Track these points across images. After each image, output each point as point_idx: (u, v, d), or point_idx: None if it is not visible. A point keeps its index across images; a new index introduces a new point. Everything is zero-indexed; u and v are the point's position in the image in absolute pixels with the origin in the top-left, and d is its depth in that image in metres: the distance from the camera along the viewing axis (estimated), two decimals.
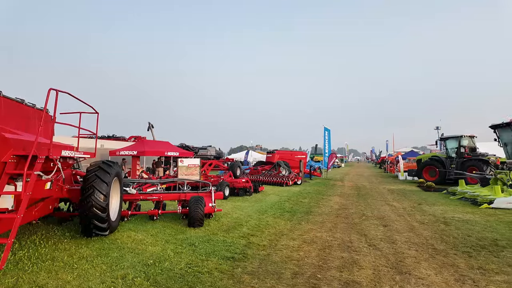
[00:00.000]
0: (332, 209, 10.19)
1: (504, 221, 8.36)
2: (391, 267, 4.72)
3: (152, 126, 30.33)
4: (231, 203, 10.82)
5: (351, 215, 9.13)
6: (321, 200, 12.29)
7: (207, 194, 8.02)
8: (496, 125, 13.30)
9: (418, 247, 5.85)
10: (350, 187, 17.98)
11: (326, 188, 17.29)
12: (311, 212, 9.40)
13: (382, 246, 5.85)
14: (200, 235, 6.35)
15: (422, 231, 7.11)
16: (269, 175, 19.21)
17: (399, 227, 7.58)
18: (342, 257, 5.17)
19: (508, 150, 13.23)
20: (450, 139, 21.48)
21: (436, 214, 9.36)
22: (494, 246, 5.91)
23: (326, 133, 26.94)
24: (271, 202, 11.15)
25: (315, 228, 7.28)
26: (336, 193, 14.91)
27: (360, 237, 6.52)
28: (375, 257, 5.18)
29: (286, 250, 5.50)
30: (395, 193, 15.01)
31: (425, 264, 4.87)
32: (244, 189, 12.92)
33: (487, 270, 4.65)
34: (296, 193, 14.27)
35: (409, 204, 11.50)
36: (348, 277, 4.31)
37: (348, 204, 11.24)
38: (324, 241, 6.18)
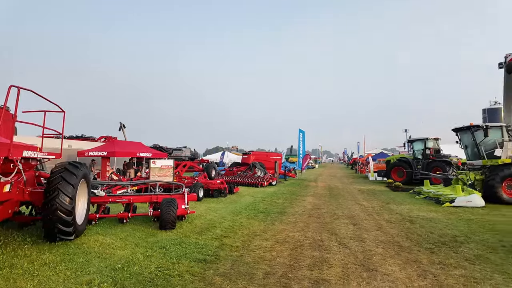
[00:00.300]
0: (305, 209, 10.38)
1: (464, 218, 8.91)
2: (359, 265, 4.88)
3: (123, 126, 29.38)
4: (205, 204, 10.72)
5: (323, 214, 9.35)
6: (295, 200, 12.47)
7: (180, 196, 7.90)
8: (458, 128, 14.15)
9: (385, 244, 6.10)
10: (323, 188, 18.40)
11: (300, 188, 17.57)
12: (284, 213, 9.51)
13: (351, 245, 6.04)
14: (172, 237, 6.24)
15: (389, 229, 7.43)
16: (245, 176, 19.23)
17: (368, 225, 7.86)
18: (313, 256, 5.28)
19: (468, 152, 14.12)
20: (416, 141, 22.59)
21: (403, 213, 9.80)
22: (453, 242, 6.28)
23: (301, 134, 27.40)
24: (245, 203, 11.16)
25: (288, 228, 7.38)
26: (309, 193, 15.19)
27: (330, 236, 6.69)
28: (344, 255, 5.34)
29: (259, 250, 5.53)
30: (365, 193, 15.54)
31: (391, 261, 5.09)
32: (218, 190, 12.84)
33: (446, 265, 4.93)
34: (271, 193, 14.39)
35: (378, 203, 11.96)
36: (318, 275, 4.41)
37: (321, 204, 11.50)
38: (296, 240, 6.28)
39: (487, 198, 11.66)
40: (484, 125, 12.74)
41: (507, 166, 12.01)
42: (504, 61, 12.03)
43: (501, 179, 11.79)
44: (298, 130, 27.07)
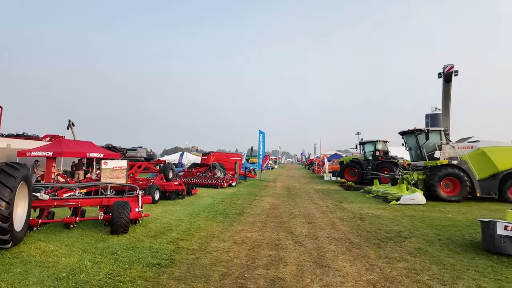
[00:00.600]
0: (264, 209, 10.51)
1: (408, 215, 9.67)
2: (313, 262, 5.07)
3: (72, 124, 27.40)
4: (161, 207, 10.38)
5: (281, 214, 9.55)
6: (254, 201, 12.58)
7: (134, 199, 7.56)
8: (404, 132, 15.34)
9: (337, 241, 6.40)
10: (281, 188, 18.80)
11: (259, 189, 17.76)
12: (243, 213, 9.55)
13: (306, 243, 6.25)
14: (124, 242, 5.94)
15: (342, 227, 7.81)
16: (204, 177, 18.96)
17: (322, 223, 8.19)
18: (269, 255, 5.37)
19: (412, 154, 15.36)
20: (367, 143, 24.06)
21: (354, 211, 10.37)
22: (398, 237, 6.78)
23: (261, 135, 27.74)
24: (204, 205, 11.01)
25: (246, 229, 7.41)
26: (268, 193, 15.42)
27: (287, 235, 6.86)
28: (299, 253, 5.51)
29: (216, 252, 5.49)
30: (320, 193, 16.19)
31: (343, 257, 5.35)
32: (176, 192, 12.51)
33: (391, 258, 5.31)
34: (230, 194, 14.36)
35: (332, 202, 12.52)
36: (274, 274, 4.50)
37: (279, 204, 11.73)
38: (254, 240, 6.34)
39: (428, 196, 12.79)
40: (426, 129, 13.96)
41: (444, 166, 13.28)
42: (443, 72, 13.33)
43: (439, 179, 13.01)
44: (258, 131, 27.38)
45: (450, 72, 13.11)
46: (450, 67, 13.06)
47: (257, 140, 27.31)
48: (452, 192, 12.99)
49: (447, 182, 13.12)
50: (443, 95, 14.14)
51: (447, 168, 13.14)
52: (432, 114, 51.11)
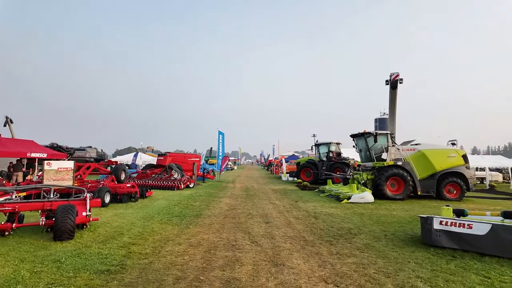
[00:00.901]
0: (222, 210, 10.45)
1: (358, 213, 10.26)
2: (269, 261, 5.16)
3: (10, 121, 24.84)
4: (112, 210, 9.82)
5: (239, 215, 9.57)
6: (212, 202, 12.44)
7: (81, 202, 7.05)
8: (354, 134, 16.26)
9: (292, 240, 6.58)
10: (240, 188, 18.84)
11: (218, 190, 17.62)
12: (200, 215, 9.40)
13: (262, 242, 6.33)
14: (69, 249, 5.52)
15: (297, 226, 8.05)
16: (160, 179, 18.31)
17: (278, 223, 8.37)
18: (226, 256, 5.35)
19: (362, 155, 16.34)
20: (322, 145, 25.11)
21: (309, 210, 10.75)
22: (348, 234, 7.17)
23: (221, 136, 27.53)
24: (159, 208, 10.63)
25: (203, 231, 7.30)
26: (226, 194, 15.36)
27: (244, 235, 6.89)
28: (255, 253, 5.56)
29: (171, 256, 5.33)
30: (278, 193, 16.53)
31: (297, 255, 5.52)
32: (129, 194, 11.92)
33: (342, 254, 5.60)
34: (187, 196, 14.05)
35: (288, 202, 12.85)
36: (229, 275, 4.49)
37: (237, 205, 11.75)
38: (211, 242, 6.27)
39: (376, 194, 13.70)
40: (374, 132, 14.95)
41: (390, 167, 14.33)
42: (389, 79, 14.40)
43: (386, 179, 14.01)
44: (218, 132, 27.13)
45: (396, 79, 14.22)
46: (396, 75, 14.17)
47: (217, 141, 27.07)
48: (397, 191, 14.07)
49: (393, 181, 14.18)
50: (390, 101, 15.28)
51: (392, 169, 14.19)
52: (380, 118, 54.94)
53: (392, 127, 15.54)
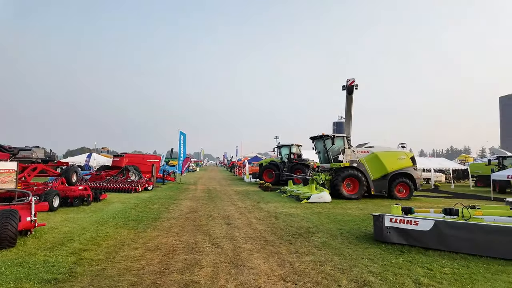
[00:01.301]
0: (182, 213, 10.21)
1: (316, 212, 10.62)
2: (229, 262, 5.14)
3: None
4: (62, 215, 9.14)
5: (200, 217, 9.42)
6: (172, 205, 12.11)
7: (25, 206, 6.46)
8: (313, 137, 16.83)
9: (253, 240, 6.63)
10: (202, 190, 18.56)
11: (179, 192, 17.19)
12: (159, 218, 9.09)
13: (223, 244, 6.30)
14: (10, 258, 5.04)
15: (258, 226, 8.13)
16: (115, 181, 17.40)
17: (240, 224, 8.38)
18: (185, 260, 5.23)
19: (320, 157, 16.96)
20: (283, 147, 25.65)
21: (270, 210, 10.91)
22: (307, 233, 7.39)
23: (182, 137, 26.90)
24: (114, 211, 10.10)
25: (161, 234, 7.08)
26: (187, 197, 15.04)
27: (205, 238, 6.80)
28: (216, 255, 5.51)
29: (126, 261, 5.09)
30: (240, 194, 16.55)
31: (257, 255, 5.57)
32: (81, 198, 11.17)
33: (301, 253, 5.75)
34: (145, 199, 13.52)
35: (250, 203, 12.93)
36: (188, 278, 4.40)
37: (198, 207, 11.55)
38: (169, 246, 6.10)
39: (333, 194, 14.29)
40: (332, 135, 15.60)
41: (346, 168, 15.03)
42: (346, 84, 15.15)
43: (342, 179, 14.67)
44: (179, 132, 26.48)
45: (352, 85, 15.00)
46: (352, 81, 14.95)
47: (178, 142, 26.40)
48: (352, 191, 14.79)
49: (349, 182, 14.89)
50: (346, 105, 16.06)
51: (348, 170, 14.91)
52: (338, 122, 57.51)
53: (348, 130, 16.33)
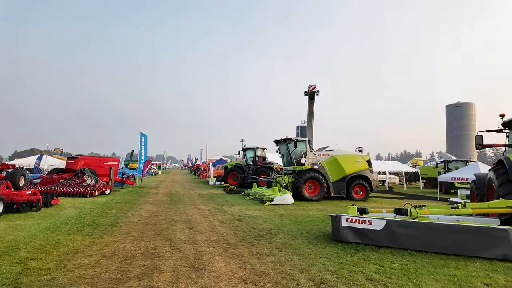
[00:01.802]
0: (142, 217, 9.86)
1: (279, 214, 10.83)
2: (190, 266, 5.08)
3: None
4: (7, 222, 8.41)
5: (160, 221, 9.17)
6: (131, 209, 11.64)
7: None
8: (277, 140, 17.18)
9: (215, 243, 6.60)
10: (164, 194, 18.06)
11: (139, 196, 16.56)
12: (116, 224, 8.71)
13: (184, 248, 6.20)
14: None
15: (221, 229, 8.11)
16: (69, 185, 16.35)
17: (202, 228, 8.30)
18: (143, 265, 5.08)
19: (284, 160, 17.34)
20: (249, 149, 25.83)
21: (234, 213, 10.92)
22: (269, 235, 7.52)
23: (143, 138, 25.96)
24: (67, 217, 9.49)
25: (118, 240, 6.79)
26: (148, 201, 14.55)
27: (165, 242, 6.64)
28: (176, 260, 5.42)
29: (79, 269, 4.82)
30: (204, 197, 16.36)
31: (219, 258, 5.56)
32: (29, 203, 10.34)
33: (262, 254, 5.85)
34: (102, 204, 12.86)
35: (214, 206, 12.84)
36: (147, 284, 4.28)
37: (159, 211, 11.23)
38: (127, 252, 5.88)
39: (295, 196, 14.66)
40: (295, 139, 16.04)
41: (308, 171, 15.52)
42: (308, 90, 15.69)
43: (304, 181, 15.12)
44: (140, 134, 25.54)
45: (313, 91, 15.57)
46: (313, 87, 15.52)
47: (139, 143, 25.43)
48: (313, 193, 15.30)
49: (310, 184, 15.38)
50: (308, 111, 16.62)
51: (310, 172, 15.41)
52: (301, 126, 59.13)
53: (310, 134, 16.89)
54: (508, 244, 5.50)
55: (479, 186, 9.29)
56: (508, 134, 8.53)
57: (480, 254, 5.61)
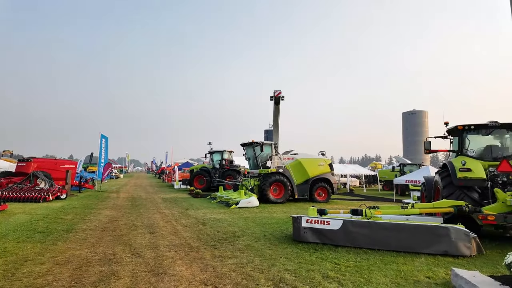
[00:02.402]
0: (100, 223, 9.46)
1: (243, 217, 10.93)
2: (150, 271, 5.00)
3: None
4: None
5: (120, 227, 8.87)
6: (89, 214, 11.10)
7: None
8: (244, 143, 17.32)
9: (177, 248, 6.54)
10: (125, 199, 17.41)
11: (98, 201, 15.81)
12: (72, 230, 8.28)
13: (145, 253, 6.08)
14: None
15: (184, 233, 8.03)
16: (20, 189, 15.21)
17: (165, 232, 8.16)
18: (100, 272, 4.91)
19: (250, 163, 17.52)
20: (215, 153, 25.70)
21: (198, 217, 10.84)
22: (233, 237, 7.58)
23: (103, 140, 24.85)
24: (16, 223, 8.85)
25: (74, 247, 6.48)
26: (108, 205, 13.95)
27: (124, 248, 6.45)
28: (135, 265, 5.30)
29: (29, 278, 4.56)
30: (168, 201, 16.02)
31: (180, 262, 5.53)
32: None
33: (224, 257, 5.90)
34: (57, 209, 12.13)
35: (178, 210, 12.63)
36: None
37: (119, 216, 10.84)
38: (83, 258, 5.64)
39: (261, 199, 14.88)
40: (261, 142, 16.28)
41: (273, 174, 15.83)
42: (273, 95, 16.07)
43: (270, 184, 15.40)
44: (100, 135, 24.42)
45: (278, 96, 15.99)
46: (278, 92, 15.94)
47: (99, 146, 24.29)
48: (278, 195, 15.62)
49: (275, 187, 15.69)
50: (274, 115, 17.00)
51: (275, 175, 15.72)
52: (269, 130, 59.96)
53: (276, 138, 17.25)
54: (448, 241, 6.06)
55: (427, 188, 10.08)
56: (451, 140, 9.39)
57: (425, 251, 6.13)
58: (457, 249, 5.99)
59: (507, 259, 4.06)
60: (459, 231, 6.08)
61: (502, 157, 7.95)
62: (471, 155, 8.41)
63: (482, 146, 8.54)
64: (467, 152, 8.46)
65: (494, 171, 7.74)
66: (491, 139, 8.65)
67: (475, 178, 7.50)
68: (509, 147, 8.35)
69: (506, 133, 8.40)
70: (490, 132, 8.39)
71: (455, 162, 7.90)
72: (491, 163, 7.93)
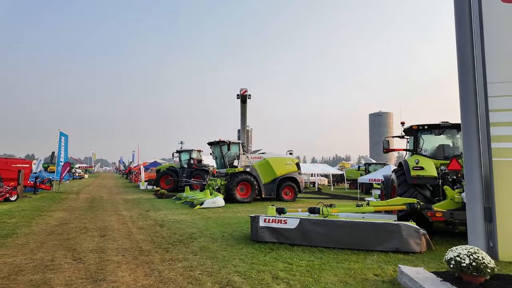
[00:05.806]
0: (48, 226, 8.80)
1: (206, 217, 10.64)
2: (88, 278, 4.62)
3: None
4: None
5: (69, 230, 8.28)
6: (37, 217, 10.31)
7: None
8: (211, 142, 17.01)
9: (126, 251, 6.15)
10: (84, 200, 16.48)
11: (52, 203, 14.82)
12: (13, 234, 7.60)
13: (88, 258, 5.65)
14: None
15: (137, 236, 7.62)
16: None
17: (117, 235, 7.70)
18: (30, 281, 4.46)
19: (217, 162, 17.23)
20: (184, 152, 25.10)
21: (158, 218, 10.41)
22: (189, 239, 7.29)
23: (63, 138, 23.45)
24: None
25: (9, 253, 5.91)
26: (62, 207, 13.10)
27: (66, 253, 5.98)
28: (74, 271, 4.89)
29: None
30: (130, 203, 15.34)
31: (125, 267, 5.18)
32: None
33: (175, 260, 5.61)
34: (2, 212, 11.17)
35: (138, 211, 12.09)
36: None
37: (72, 219, 10.16)
38: (15, 266, 5.13)
39: (227, 199, 14.64)
40: (228, 141, 16.05)
41: (241, 173, 15.65)
42: (239, 94, 15.89)
43: (237, 184, 15.20)
44: (59, 133, 22.99)
45: (245, 95, 15.84)
46: (244, 90, 15.80)
47: (57, 144, 22.86)
48: (245, 195, 15.46)
49: (242, 186, 15.52)
50: (241, 113, 16.83)
51: (242, 175, 15.55)
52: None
53: (243, 137, 17.08)
54: (400, 238, 6.17)
55: (386, 186, 10.35)
56: (408, 139, 9.69)
57: (378, 248, 6.20)
58: (408, 245, 6.12)
59: (447, 256, 4.15)
60: (409, 228, 6.21)
61: (453, 155, 8.30)
62: (425, 154, 8.72)
63: (435, 146, 8.88)
64: (421, 151, 8.76)
65: (445, 170, 8.06)
66: (444, 139, 9.03)
67: (427, 176, 7.75)
68: (459, 146, 8.74)
69: (457, 133, 8.79)
70: (442, 132, 8.74)
71: (409, 161, 8.13)
72: (443, 162, 8.25)
